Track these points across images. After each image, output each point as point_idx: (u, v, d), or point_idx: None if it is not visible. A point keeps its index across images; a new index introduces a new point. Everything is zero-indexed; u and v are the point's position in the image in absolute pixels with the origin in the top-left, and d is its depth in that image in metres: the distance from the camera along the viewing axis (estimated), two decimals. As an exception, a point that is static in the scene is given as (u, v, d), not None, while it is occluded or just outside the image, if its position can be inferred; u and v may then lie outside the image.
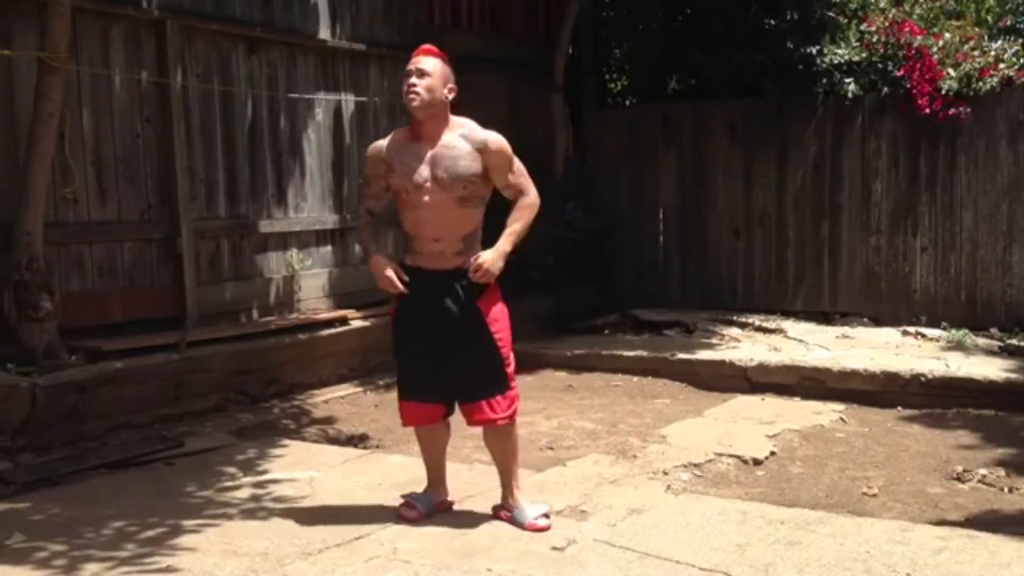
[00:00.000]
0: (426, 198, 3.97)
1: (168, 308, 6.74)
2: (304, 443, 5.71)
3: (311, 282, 7.76)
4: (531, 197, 4.14)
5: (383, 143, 4.14)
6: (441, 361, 4.05)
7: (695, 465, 5.19)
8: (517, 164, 4.11)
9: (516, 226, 4.10)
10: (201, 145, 6.97)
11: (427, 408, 4.14)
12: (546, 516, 4.07)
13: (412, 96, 3.94)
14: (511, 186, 4.10)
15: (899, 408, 6.69)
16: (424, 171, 3.97)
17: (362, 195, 4.29)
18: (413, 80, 3.95)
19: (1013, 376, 6.72)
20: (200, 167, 6.97)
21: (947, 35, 8.88)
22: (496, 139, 4.04)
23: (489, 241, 4.10)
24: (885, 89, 8.81)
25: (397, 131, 4.19)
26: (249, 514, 4.27)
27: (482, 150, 4.00)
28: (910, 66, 8.62)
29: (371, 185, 4.17)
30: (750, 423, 6.17)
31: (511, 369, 4.08)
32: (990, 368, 6.94)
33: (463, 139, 4.02)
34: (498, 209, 4.20)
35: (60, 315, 5.80)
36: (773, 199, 9.41)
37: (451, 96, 4.02)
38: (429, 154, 3.99)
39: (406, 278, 4.03)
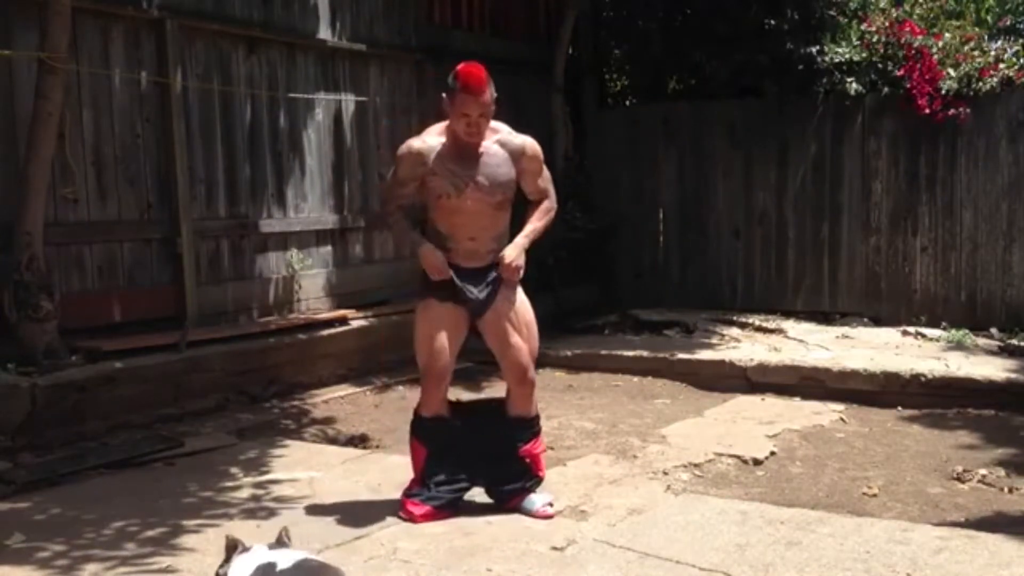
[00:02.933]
0: (468, 202, 4.08)
1: (168, 308, 6.73)
2: (304, 443, 5.71)
3: (311, 282, 7.76)
4: (553, 202, 4.32)
5: (421, 145, 4.14)
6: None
7: (695, 465, 5.19)
8: (546, 171, 4.26)
9: (537, 224, 4.26)
10: (201, 145, 6.97)
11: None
12: (550, 504, 4.22)
13: (474, 134, 4.02)
14: (539, 191, 4.27)
15: (899, 408, 6.69)
16: (467, 177, 4.06)
17: (393, 195, 4.26)
18: (475, 124, 3.98)
19: (1013, 376, 6.72)
20: (200, 167, 6.96)
21: (947, 35, 8.90)
22: (532, 144, 4.20)
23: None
24: (885, 89, 8.83)
25: (432, 131, 4.19)
26: (249, 514, 4.27)
27: (519, 156, 4.14)
28: (910, 66, 8.62)
29: (406, 186, 4.19)
30: (750, 423, 6.17)
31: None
32: (990, 368, 6.94)
33: (500, 146, 4.12)
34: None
35: (60, 315, 5.80)
36: (773, 199, 9.41)
37: (495, 107, 4.09)
38: (472, 160, 4.06)
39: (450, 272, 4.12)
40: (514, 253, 4.16)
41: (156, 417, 5.97)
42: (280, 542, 2.70)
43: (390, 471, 4.86)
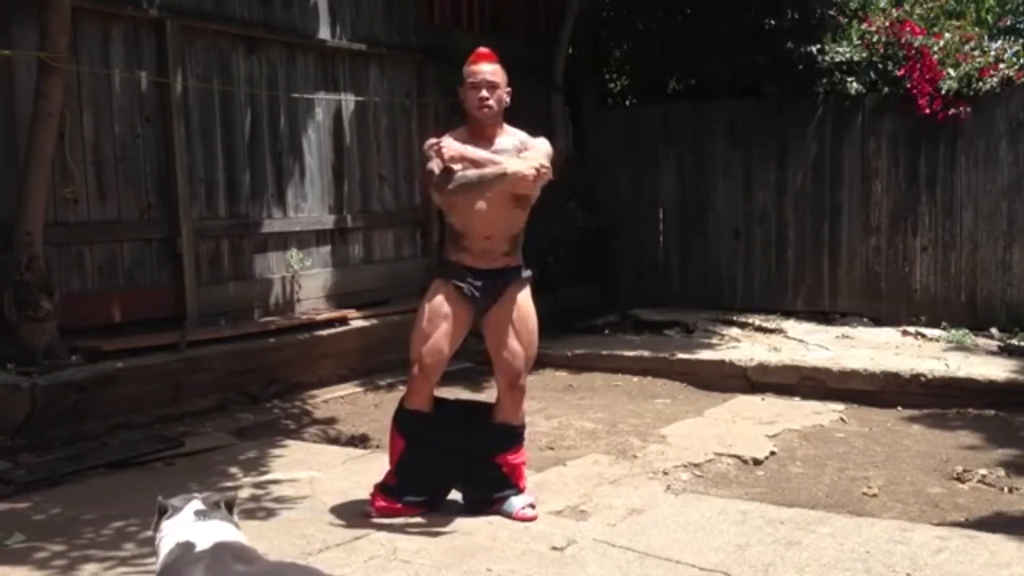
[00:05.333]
0: (487, 193, 4.09)
1: (168, 308, 6.73)
2: (304, 443, 5.71)
3: (311, 282, 7.76)
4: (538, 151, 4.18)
5: (442, 137, 4.20)
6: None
7: (695, 465, 5.19)
8: (545, 164, 4.12)
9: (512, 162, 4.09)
10: (201, 145, 6.97)
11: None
12: (532, 507, 4.21)
13: (486, 110, 4.12)
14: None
15: (899, 408, 6.69)
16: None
17: (429, 173, 4.15)
18: (485, 94, 4.11)
19: (1013, 376, 6.73)
20: (200, 167, 6.96)
21: (947, 35, 8.90)
22: (540, 140, 4.28)
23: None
24: (885, 89, 8.82)
25: (454, 131, 4.26)
26: (249, 514, 4.27)
27: (524, 149, 4.18)
28: (910, 66, 8.62)
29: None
30: (750, 423, 6.17)
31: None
32: (990, 368, 6.94)
33: (516, 145, 4.20)
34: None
35: (60, 315, 5.80)
36: (773, 199, 9.41)
37: (508, 99, 4.22)
38: (489, 153, 4.11)
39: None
40: (524, 165, 4.03)
41: (156, 417, 5.97)
42: (213, 507, 2.54)
43: (390, 471, 4.86)
